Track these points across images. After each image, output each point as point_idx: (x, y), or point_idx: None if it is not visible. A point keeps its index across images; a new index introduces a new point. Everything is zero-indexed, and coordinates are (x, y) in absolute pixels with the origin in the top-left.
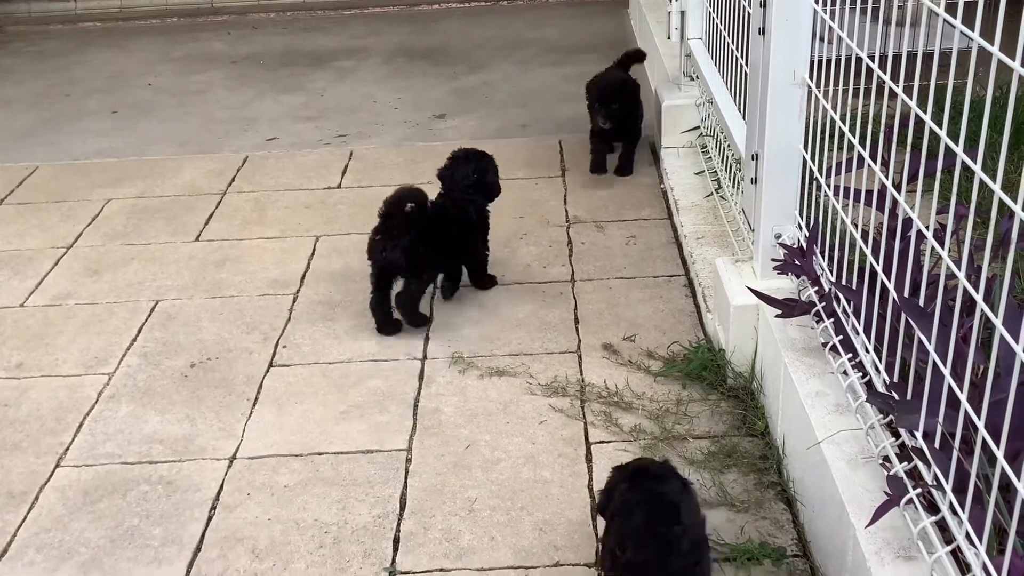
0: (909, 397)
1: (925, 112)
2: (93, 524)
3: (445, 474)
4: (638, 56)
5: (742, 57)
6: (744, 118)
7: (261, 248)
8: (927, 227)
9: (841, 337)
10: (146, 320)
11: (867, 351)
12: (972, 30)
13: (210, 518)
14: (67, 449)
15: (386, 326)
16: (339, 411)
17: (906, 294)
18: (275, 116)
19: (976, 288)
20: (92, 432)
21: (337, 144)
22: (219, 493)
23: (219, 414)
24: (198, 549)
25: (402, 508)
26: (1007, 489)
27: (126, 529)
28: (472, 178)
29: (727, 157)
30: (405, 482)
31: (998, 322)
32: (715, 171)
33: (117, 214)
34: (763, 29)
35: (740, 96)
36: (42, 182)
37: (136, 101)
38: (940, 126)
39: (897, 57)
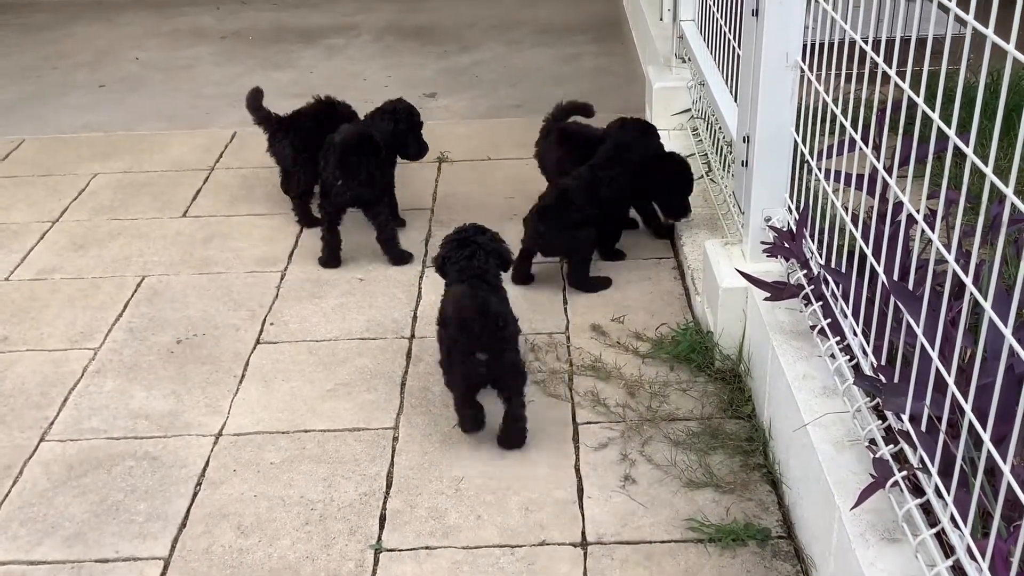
0: (896, 380)
1: (916, 97)
2: (77, 499)
3: (432, 453)
4: (583, 111)
5: (735, 39)
6: (736, 101)
7: (249, 225)
8: (917, 211)
9: (829, 320)
10: (132, 295)
11: (855, 334)
12: (966, 14)
13: (195, 494)
14: (52, 424)
15: (333, 260)
16: (326, 389)
17: (895, 278)
18: (264, 92)
19: (965, 273)
20: (77, 407)
21: None
22: (205, 469)
23: (205, 390)
24: (183, 525)
25: (388, 486)
26: (992, 473)
27: (111, 504)
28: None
29: (718, 140)
30: (392, 460)
31: (987, 305)
32: (705, 154)
33: (104, 189)
34: (756, 11)
35: (732, 79)
36: (28, 156)
37: (124, 75)
38: (932, 112)
39: (891, 42)
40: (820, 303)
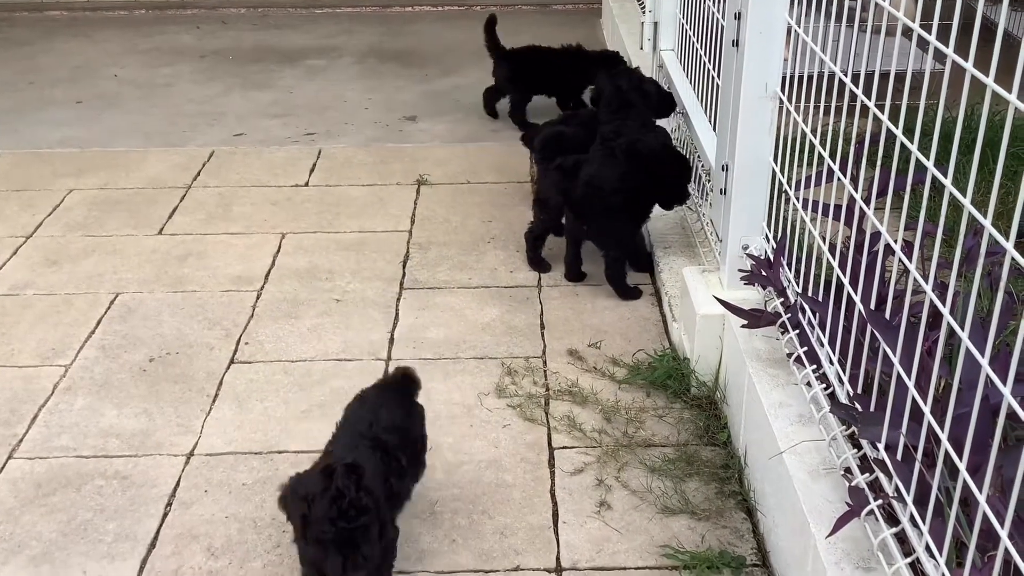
0: (872, 409)
1: (896, 129)
2: (45, 518)
3: None
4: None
5: (714, 69)
6: (715, 130)
7: (225, 244)
8: (895, 241)
9: (806, 348)
10: (105, 312)
11: (831, 363)
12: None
13: (165, 514)
14: (20, 441)
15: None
16: (300, 410)
17: (871, 308)
18: (243, 112)
19: (943, 303)
20: (47, 424)
21: (306, 142)
22: (175, 489)
23: (178, 409)
24: (152, 545)
25: None
26: (967, 503)
27: (79, 523)
28: None
29: (697, 167)
30: None
31: (964, 335)
32: None
33: (79, 205)
34: (737, 41)
35: (711, 108)
36: (3, 170)
37: (101, 92)
38: (909, 144)
39: (870, 75)
40: (797, 331)
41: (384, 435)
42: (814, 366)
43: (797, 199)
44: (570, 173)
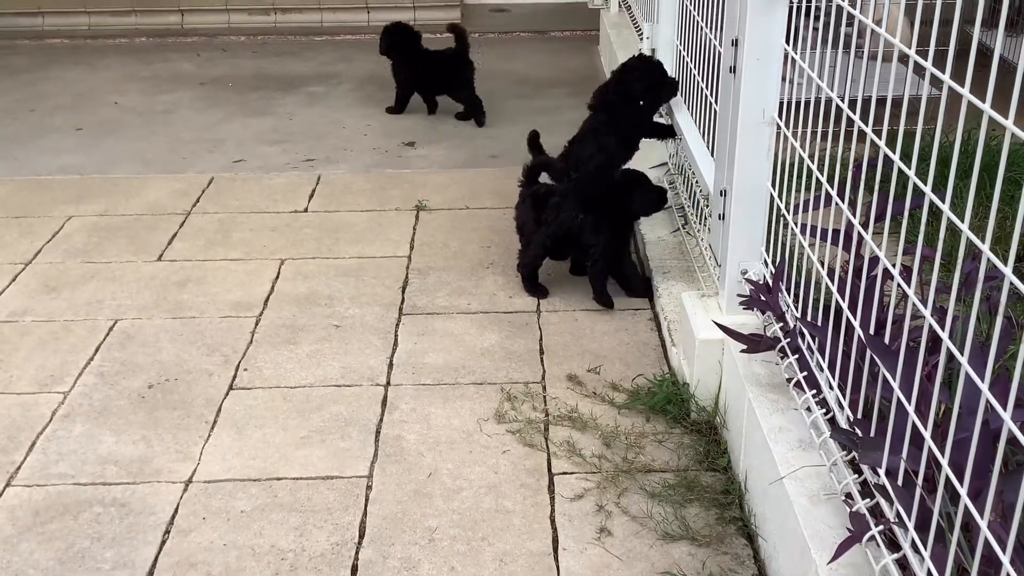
0: (872, 434)
1: (893, 154)
2: (43, 546)
3: (406, 502)
4: (549, 168)
5: (711, 95)
6: (712, 155)
7: (224, 270)
8: (893, 266)
9: (805, 373)
10: (104, 339)
11: (831, 388)
12: (941, 77)
13: (163, 542)
14: (18, 468)
15: None
16: (299, 436)
17: (870, 332)
18: (243, 139)
19: (941, 327)
20: (45, 451)
21: (305, 168)
22: (174, 517)
23: (176, 436)
24: (150, 574)
25: (361, 536)
26: (969, 528)
27: (77, 551)
28: None
29: (695, 193)
30: (365, 509)
31: (963, 359)
32: (682, 206)
33: (78, 231)
34: (734, 68)
35: (708, 133)
36: (3, 197)
37: (102, 119)
38: (906, 169)
39: (867, 101)
40: (796, 356)
41: None
42: (814, 391)
43: (795, 224)
44: (543, 201)
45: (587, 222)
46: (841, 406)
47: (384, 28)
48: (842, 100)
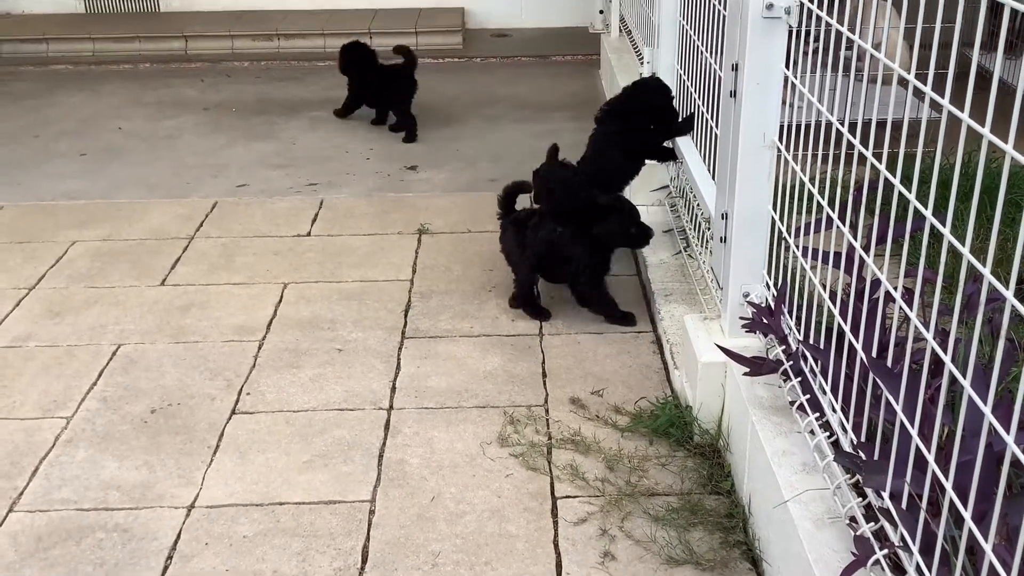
0: (876, 457)
1: (893, 178)
2: (45, 572)
3: (409, 527)
4: (524, 189)
5: (712, 119)
6: (714, 178)
7: (228, 294)
8: (895, 289)
9: (808, 396)
10: (107, 364)
11: (834, 411)
12: (940, 102)
13: (166, 568)
14: (21, 494)
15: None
16: (302, 460)
17: (873, 355)
18: (246, 163)
19: (944, 350)
20: (48, 477)
21: (308, 192)
22: (176, 542)
23: (179, 461)
24: None
25: (364, 561)
26: (973, 551)
27: None
28: None
29: (696, 216)
30: (368, 534)
31: (966, 382)
32: (684, 229)
33: (82, 256)
34: (735, 92)
35: (709, 157)
36: (7, 222)
37: (106, 144)
38: (907, 193)
39: (867, 124)
40: (799, 379)
41: None
42: (817, 414)
43: (797, 247)
44: (523, 225)
45: (565, 235)
46: (844, 429)
47: (343, 47)
48: (842, 123)
